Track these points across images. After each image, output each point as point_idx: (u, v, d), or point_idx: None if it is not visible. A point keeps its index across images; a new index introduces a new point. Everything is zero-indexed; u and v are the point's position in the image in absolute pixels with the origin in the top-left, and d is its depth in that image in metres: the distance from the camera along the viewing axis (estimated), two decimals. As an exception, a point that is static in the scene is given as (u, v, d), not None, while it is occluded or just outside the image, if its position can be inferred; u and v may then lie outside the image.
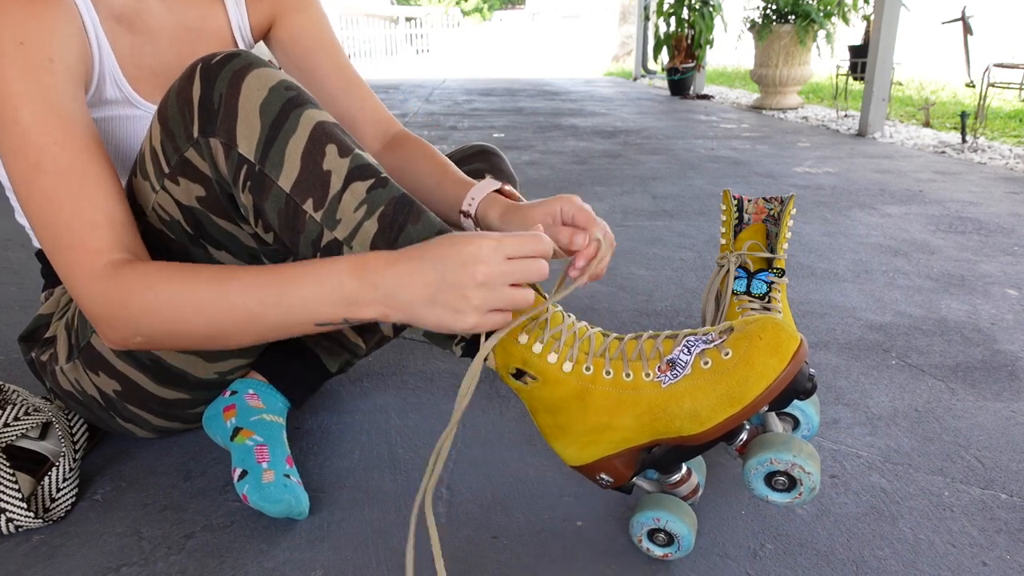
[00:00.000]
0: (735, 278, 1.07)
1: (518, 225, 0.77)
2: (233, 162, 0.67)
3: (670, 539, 0.70)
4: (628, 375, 0.66)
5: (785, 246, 1.08)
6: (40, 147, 0.67)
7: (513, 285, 0.61)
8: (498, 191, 0.83)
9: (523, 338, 0.67)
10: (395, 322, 0.64)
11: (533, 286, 0.70)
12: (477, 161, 0.99)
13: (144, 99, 0.82)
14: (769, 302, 1.03)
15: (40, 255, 0.93)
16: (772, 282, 1.05)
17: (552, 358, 0.67)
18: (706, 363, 0.64)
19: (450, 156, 1.02)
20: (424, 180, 0.89)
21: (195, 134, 0.68)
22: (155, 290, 0.65)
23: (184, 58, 0.85)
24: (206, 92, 0.67)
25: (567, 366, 0.67)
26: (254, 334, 0.67)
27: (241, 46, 0.92)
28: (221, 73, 0.67)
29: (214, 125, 0.67)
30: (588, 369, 0.67)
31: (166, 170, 0.71)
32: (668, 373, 0.65)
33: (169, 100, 0.69)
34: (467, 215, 0.83)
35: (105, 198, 0.69)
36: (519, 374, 0.68)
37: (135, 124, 0.82)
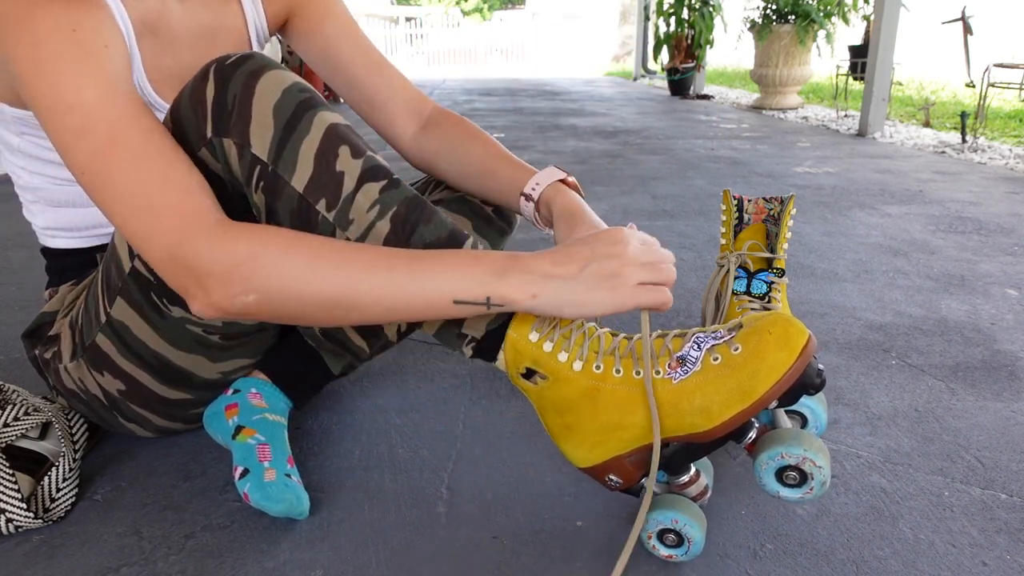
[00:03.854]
0: (735, 278, 1.07)
1: (567, 231, 0.78)
2: (246, 162, 0.68)
3: (680, 541, 0.70)
4: (639, 373, 0.66)
5: (785, 246, 1.08)
6: (111, 122, 0.64)
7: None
8: (562, 180, 0.84)
9: (533, 336, 0.67)
10: (539, 308, 0.63)
11: None
12: None
13: (165, 102, 0.82)
14: (769, 302, 1.03)
15: (47, 251, 0.93)
16: (772, 282, 1.05)
17: (562, 357, 0.67)
18: (716, 359, 0.64)
19: None
20: (475, 162, 0.88)
21: (208, 134, 0.68)
22: (294, 245, 0.62)
23: (203, 59, 0.86)
24: (220, 93, 0.67)
25: (577, 365, 0.67)
26: (384, 308, 0.63)
27: (255, 43, 0.92)
28: (235, 74, 0.67)
29: (227, 125, 0.67)
30: (598, 368, 0.67)
31: None
32: (678, 370, 0.65)
33: (182, 100, 0.70)
34: (529, 198, 0.83)
35: (188, 165, 0.66)
36: (529, 374, 0.69)
37: None
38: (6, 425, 0.82)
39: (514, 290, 0.62)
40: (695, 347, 0.66)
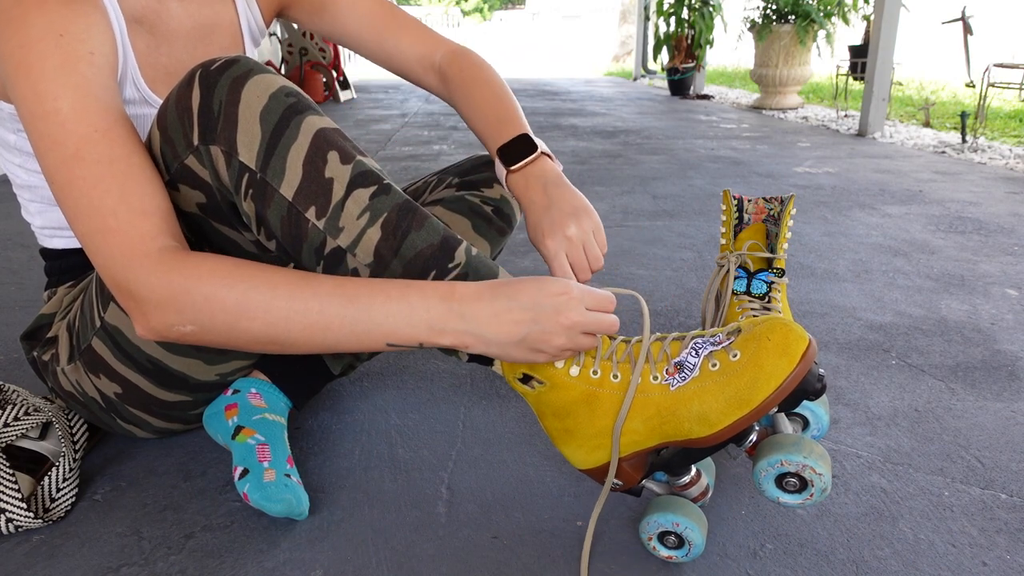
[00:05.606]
0: (735, 278, 1.07)
1: (535, 223, 0.82)
2: (234, 170, 0.67)
3: (681, 543, 0.70)
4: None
5: (785, 246, 1.08)
6: (81, 136, 0.65)
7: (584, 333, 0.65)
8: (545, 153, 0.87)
9: None
10: (468, 350, 0.65)
11: None
12: (488, 171, 1.00)
13: (160, 98, 0.82)
14: (769, 302, 1.03)
15: (46, 252, 0.93)
16: (772, 282, 1.04)
17: (559, 363, 0.67)
18: (714, 365, 0.64)
19: (460, 164, 1.03)
20: (482, 118, 0.91)
21: (195, 142, 0.67)
22: (227, 281, 0.63)
23: (197, 57, 0.86)
24: (205, 99, 0.66)
25: (574, 370, 0.67)
26: (318, 344, 0.65)
27: (248, 40, 0.92)
28: (220, 80, 0.66)
29: (214, 133, 0.66)
30: (595, 373, 0.67)
31: (166, 177, 0.71)
32: (676, 376, 0.65)
33: (168, 107, 0.69)
34: (511, 172, 0.86)
35: (151, 186, 0.67)
36: (526, 379, 0.69)
37: (150, 124, 0.83)
38: (6, 425, 0.82)
39: (446, 341, 0.64)
40: (693, 353, 0.65)
